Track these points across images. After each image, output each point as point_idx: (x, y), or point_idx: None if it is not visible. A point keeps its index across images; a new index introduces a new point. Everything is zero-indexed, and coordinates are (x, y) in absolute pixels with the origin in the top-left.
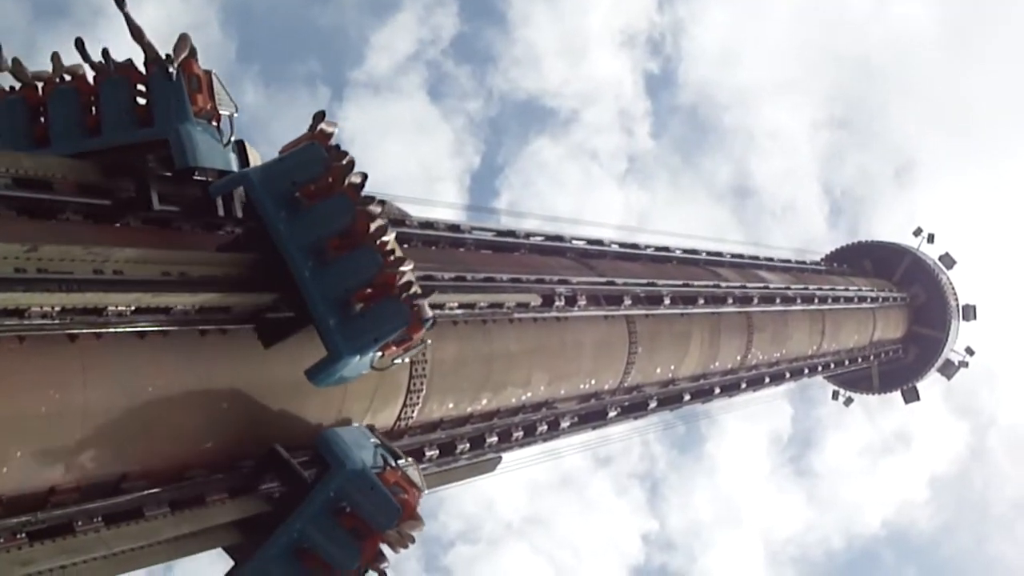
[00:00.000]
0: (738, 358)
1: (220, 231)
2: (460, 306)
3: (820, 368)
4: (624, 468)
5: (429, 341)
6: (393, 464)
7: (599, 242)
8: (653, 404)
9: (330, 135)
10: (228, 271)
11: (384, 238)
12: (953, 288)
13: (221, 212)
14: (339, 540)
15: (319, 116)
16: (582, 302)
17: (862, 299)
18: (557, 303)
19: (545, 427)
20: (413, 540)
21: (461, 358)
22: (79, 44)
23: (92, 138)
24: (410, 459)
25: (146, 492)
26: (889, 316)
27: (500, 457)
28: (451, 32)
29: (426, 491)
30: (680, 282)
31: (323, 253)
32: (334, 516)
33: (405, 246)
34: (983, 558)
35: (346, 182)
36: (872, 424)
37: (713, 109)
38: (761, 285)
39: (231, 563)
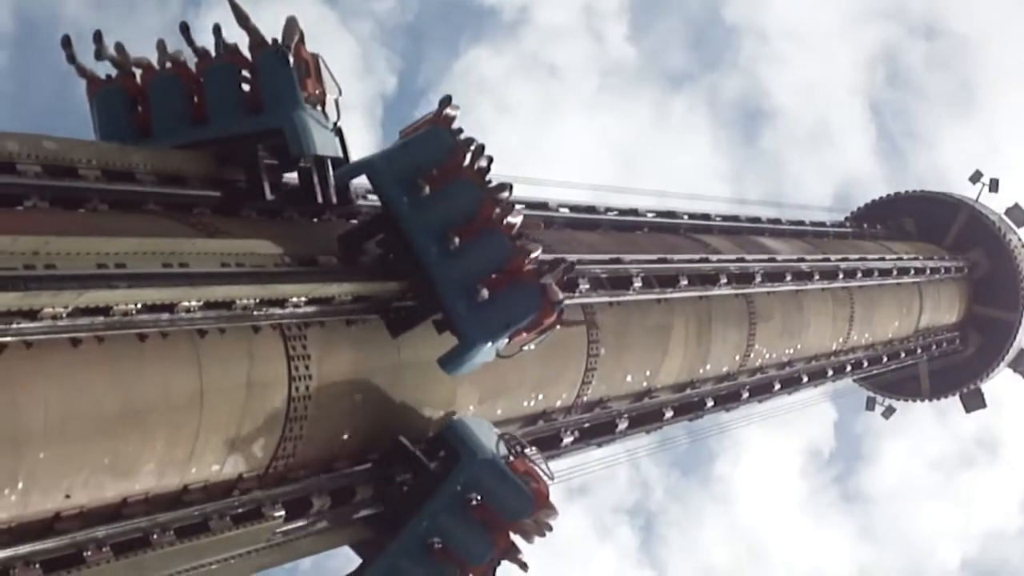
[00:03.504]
0: (736, 358)
1: (319, 218)
2: (355, 299)
3: (849, 367)
4: (607, 500)
5: (559, 327)
6: (522, 453)
7: (543, 205)
8: (623, 425)
9: (453, 119)
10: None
11: (511, 221)
12: None
13: (319, 199)
14: (472, 532)
15: (446, 101)
16: None
17: (903, 271)
18: None
19: None
20: (551, 528)
21: (358, 371)
22: (184, 28)
23: (199, 128)
24: (535, 448)
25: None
26: (941, 293)
27: None
28: None
29: (555, 480)
30: (654, 256)
31: (449, 239)
32: (463, 508)
33: None
34: None
35: (474, 167)
36: (944, 428)
37: (712, 2)
38: (765, 257)
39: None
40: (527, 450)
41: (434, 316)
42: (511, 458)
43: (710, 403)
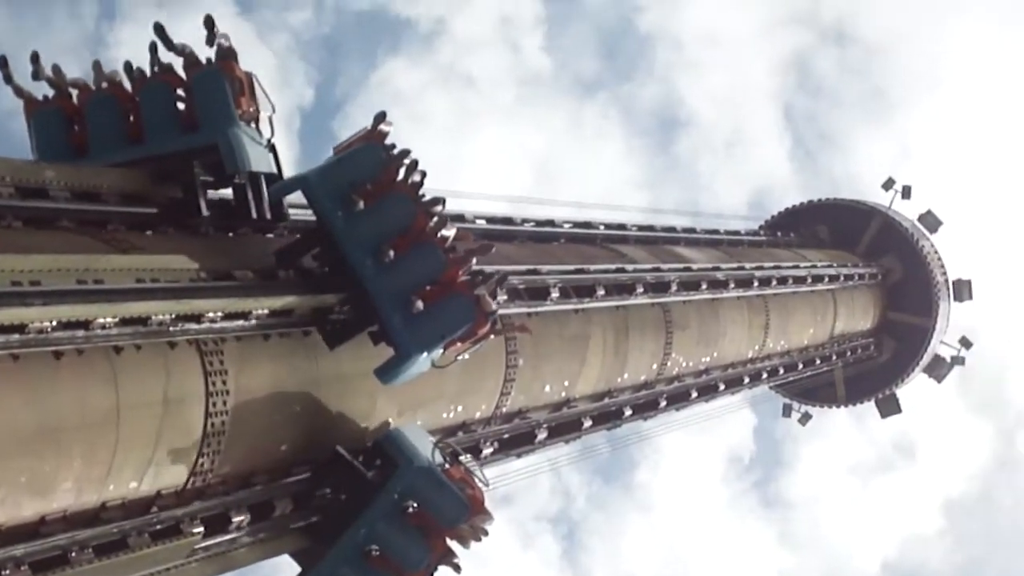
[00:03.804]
0: (654, 366)
1: (235, 233)
2: (273, 313)
3: (765, 375)
4: (529, 509)
5: (492, 336)
6: (457, 460)
7: (460, 216)
8: (542, 435)
9: (386, 135)
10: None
11: (445, 234)
12: (939, 258)
13: (254, 215)
14: (409, 539)
15: (380, 117)
16: None
17: (817, 278)
18: None
19: None
20: (487, 533)
21: (277, 385)
22: (127, 67)
23: (135, 146)
24: (470, 456)
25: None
26: (855, 300)
27: None
28: None
29: (490, 487)
30: (571, 267)
31: (384, 252)
32: (400, 515)
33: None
34: None
35: (408, 181)
36: (863, 433)
37: (626, 11)
38: (681, 266)
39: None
40: (462, 457)
41: (370, 328)
42: (447, 465)
43: (628, 412)
